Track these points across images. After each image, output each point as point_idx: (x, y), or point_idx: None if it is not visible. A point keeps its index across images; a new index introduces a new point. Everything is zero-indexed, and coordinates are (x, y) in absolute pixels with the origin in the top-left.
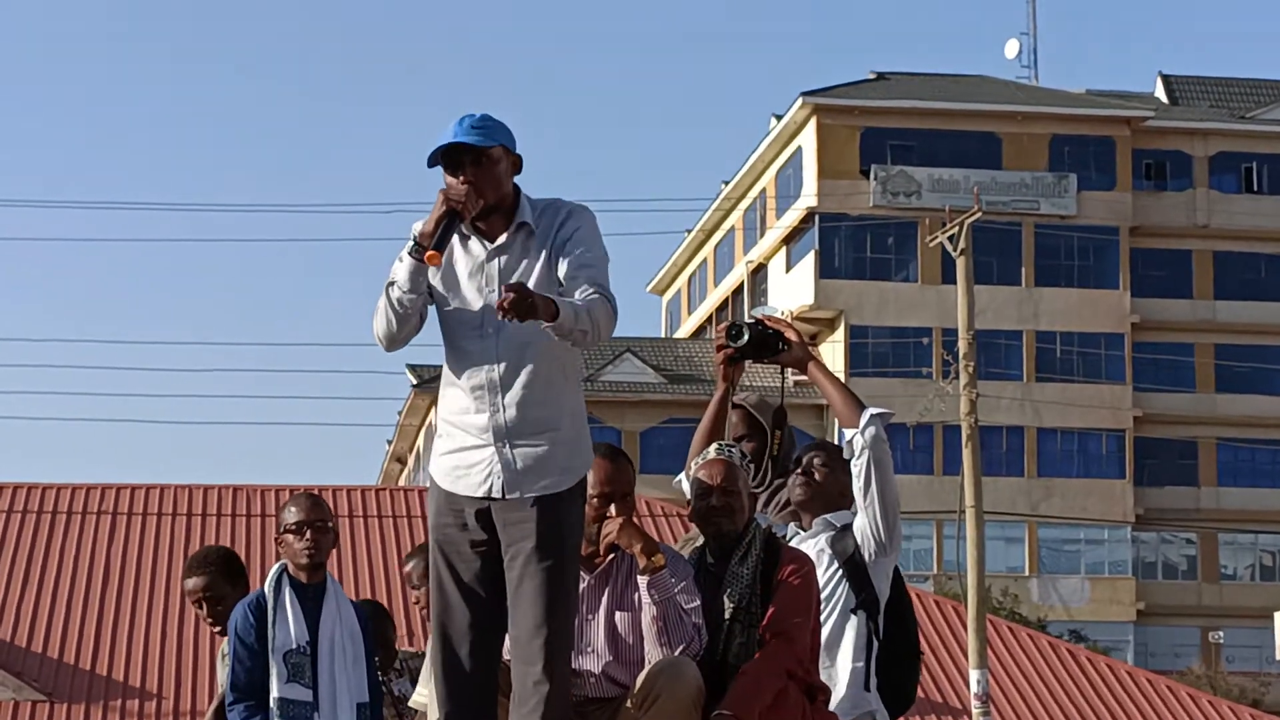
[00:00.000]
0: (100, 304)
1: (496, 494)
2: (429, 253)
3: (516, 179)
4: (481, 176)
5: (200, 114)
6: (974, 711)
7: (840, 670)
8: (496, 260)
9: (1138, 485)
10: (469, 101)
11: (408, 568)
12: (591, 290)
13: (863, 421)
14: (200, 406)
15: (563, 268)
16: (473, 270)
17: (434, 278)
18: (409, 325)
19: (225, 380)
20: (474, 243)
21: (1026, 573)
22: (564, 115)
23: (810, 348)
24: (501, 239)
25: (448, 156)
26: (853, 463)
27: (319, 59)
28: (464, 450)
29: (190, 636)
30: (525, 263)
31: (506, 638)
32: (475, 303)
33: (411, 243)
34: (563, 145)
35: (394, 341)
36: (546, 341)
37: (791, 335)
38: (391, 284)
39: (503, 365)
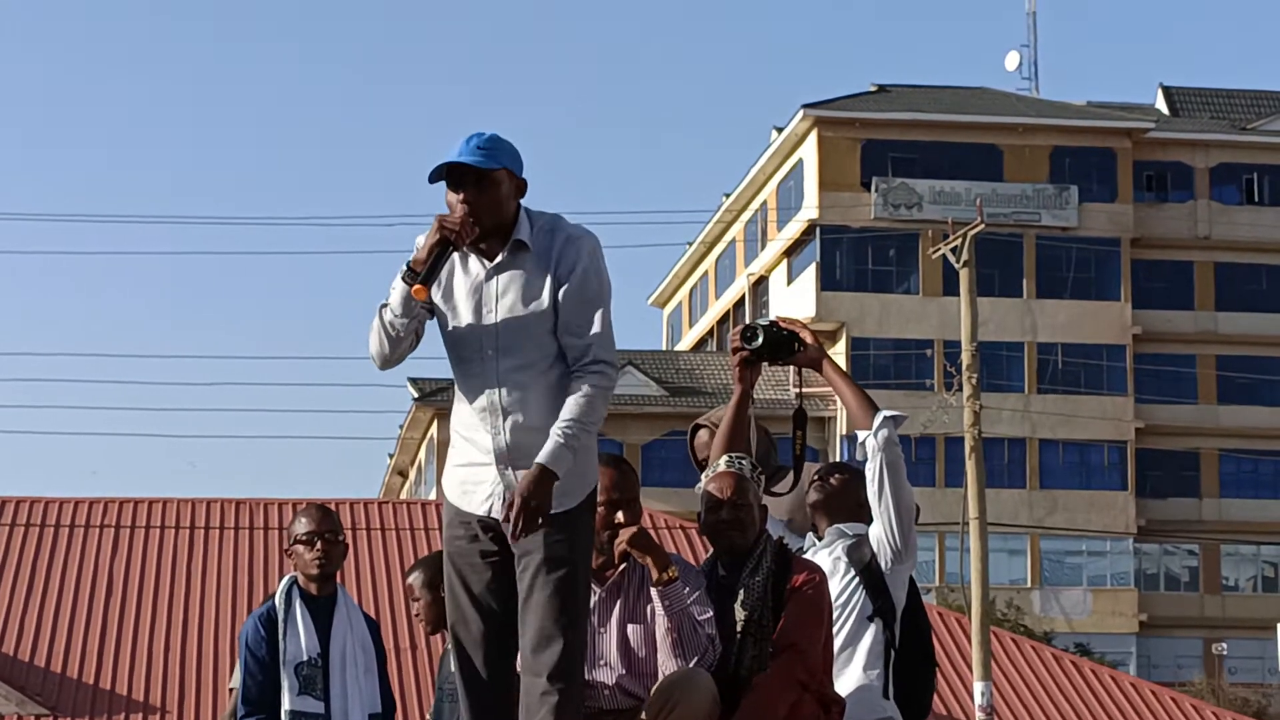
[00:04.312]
0: (101, 318)
1: (497, 514)
2: (416, 286)
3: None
4: (481, 199)
5: (205, 125)
6: None
7: (856, 678)
8: (495, 280)
9: (1139, 497)
10: (467, 113)
11: (409, 580)
12: (583, 374)
13: (875, 424)
14: (202, 420)
15: (562, 310)
16: (471, 290)
17: (435, 295)
18: (401, 346)
19: (227, 394)
20: (473, 262)
21: (1029, 585)
22: (564, 128)
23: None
24: (499, 258)
25: (451, 174)
26: (866, 466)
27: (321, 70)
28: (472, 466)
29: (194, 650)
30: (523, 283)
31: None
32: (475, 324)
33: (405, 267)
34: (563, 158)
35: (387, 361)
36: (547, 363)
37: (807, 336)
38: (384, 306)
39: (503, 389)
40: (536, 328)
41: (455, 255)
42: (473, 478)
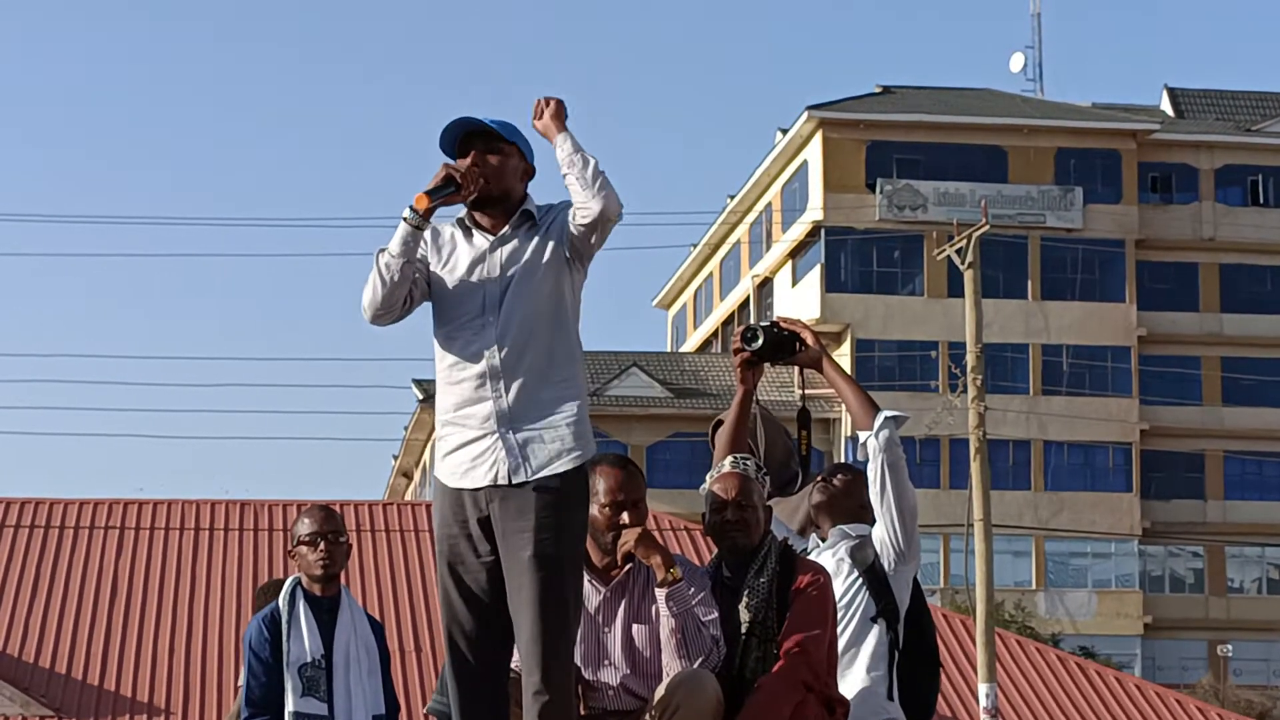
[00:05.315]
0: (102, 318)
1: (503, 480)
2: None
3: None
4: (489, 162)
5: (207, 127)
6: None
7: (860, 680)
8: (499, 250)
9: (1145, 498)
10: (469, 114)
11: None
12: None
13: (876, 424)
14: (206, 421)
15: (562, 220)
16: (475, 261)
17: (436, 266)
18: (395, 297)
19: (231, 395)
20: (477, 236)
21: (1034, 586)
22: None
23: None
24: (505, 230)
25: (462, 142)
26: (868, 467)
27: (327, 71)
28: (468, 444)
29: (198, 652)
30: (527, 251)
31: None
32: (476, 292)
33: (408, 209)
34: None
35: (378, 312)
36: (547, 325)
37: (807, 336)
38: (382, 250)
39: (504, 351)
40: (539, 291)
41: (459, 233)
42: (470, 453)
